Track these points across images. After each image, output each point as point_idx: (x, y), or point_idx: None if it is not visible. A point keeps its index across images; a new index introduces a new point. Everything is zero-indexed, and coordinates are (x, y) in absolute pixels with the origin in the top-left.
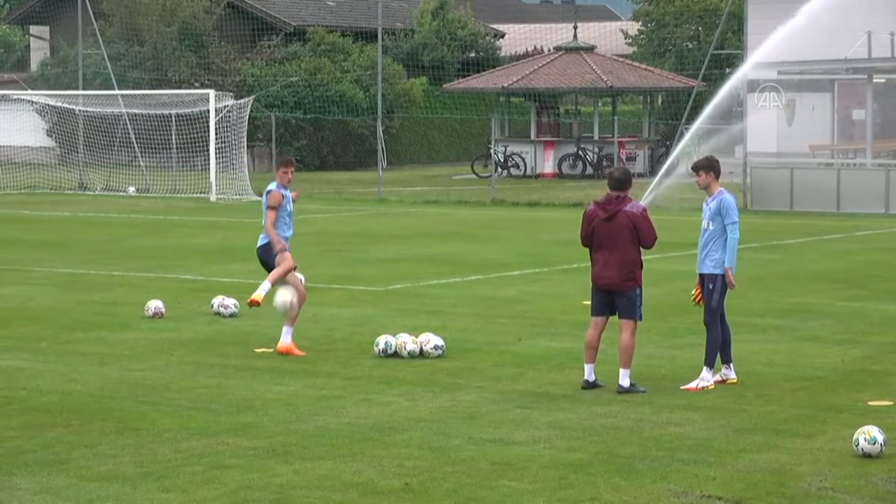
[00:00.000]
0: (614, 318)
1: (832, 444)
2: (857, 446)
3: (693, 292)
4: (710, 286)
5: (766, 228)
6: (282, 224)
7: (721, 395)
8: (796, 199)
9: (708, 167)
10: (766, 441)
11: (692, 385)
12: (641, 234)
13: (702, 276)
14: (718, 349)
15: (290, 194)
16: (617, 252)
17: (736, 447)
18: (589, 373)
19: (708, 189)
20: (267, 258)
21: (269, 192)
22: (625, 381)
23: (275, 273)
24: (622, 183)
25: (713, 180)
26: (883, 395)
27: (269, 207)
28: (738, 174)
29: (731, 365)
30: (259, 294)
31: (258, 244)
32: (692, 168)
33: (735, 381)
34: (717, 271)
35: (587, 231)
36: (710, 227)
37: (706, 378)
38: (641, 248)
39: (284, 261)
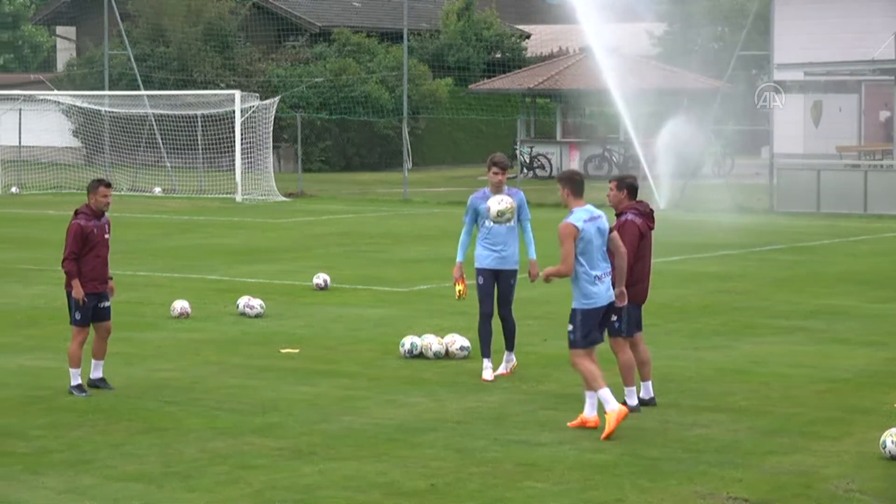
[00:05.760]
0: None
1: (859, 446)
2: (884, 448)
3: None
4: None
5: (793, 230)
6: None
7: (747, 396)
8: (823, 200)
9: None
10: (793, 443)
11: (502, 370)
12: None
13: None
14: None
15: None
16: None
17: (762, 449)
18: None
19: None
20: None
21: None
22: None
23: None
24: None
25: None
26: None
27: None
28: (764, 175)
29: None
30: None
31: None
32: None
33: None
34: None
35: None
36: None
37: (512, 359)
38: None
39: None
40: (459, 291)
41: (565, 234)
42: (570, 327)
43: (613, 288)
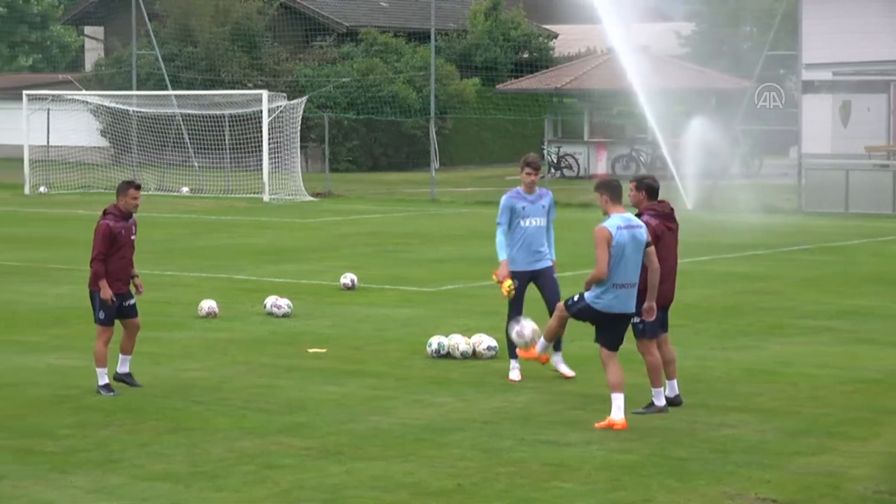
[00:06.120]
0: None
1: (888, 447)
2: None
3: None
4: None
5: (821, 230)
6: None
7: (774, 397)
8: (851, 200)
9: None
10: (821, 444)
11: (567, 371)
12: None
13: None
14: None
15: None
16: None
17: (790, 450)
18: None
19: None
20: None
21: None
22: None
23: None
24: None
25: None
26: None
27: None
28: (792, 175)
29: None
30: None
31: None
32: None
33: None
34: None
35: None
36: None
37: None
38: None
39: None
40: (509, 288)
41: (599, 238)
42: (575, 298)
43: (639, 302)
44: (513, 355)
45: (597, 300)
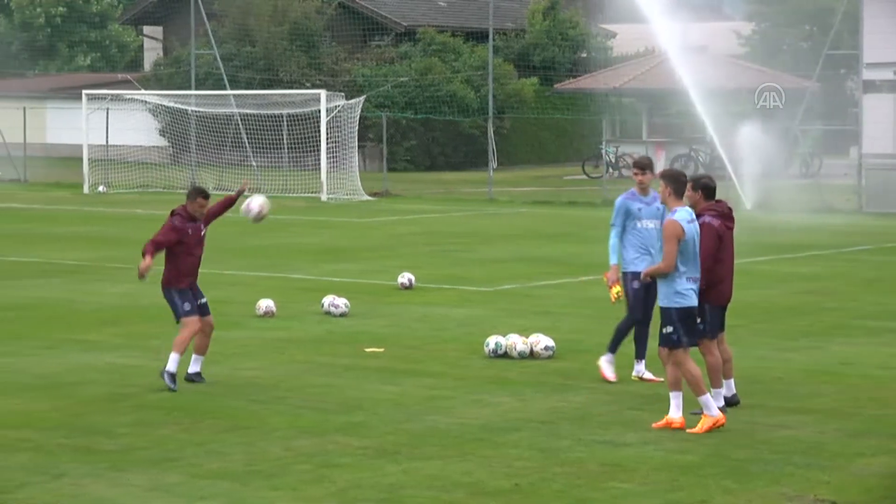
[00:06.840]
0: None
1: None
2: None
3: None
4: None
5: (882, 230)
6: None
7: (835, 398)
8: None
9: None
10: (881, 445)
11: (653, 377)
12: None
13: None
14: None
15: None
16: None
17: (850, 451)
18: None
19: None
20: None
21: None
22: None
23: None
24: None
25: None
26: None
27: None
28: (852, 175)
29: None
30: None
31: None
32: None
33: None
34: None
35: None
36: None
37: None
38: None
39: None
40: (617, 294)
41: (671, 233)
42: (670, 329)
43: None
44: (612, 349)
45: (680, 299)
